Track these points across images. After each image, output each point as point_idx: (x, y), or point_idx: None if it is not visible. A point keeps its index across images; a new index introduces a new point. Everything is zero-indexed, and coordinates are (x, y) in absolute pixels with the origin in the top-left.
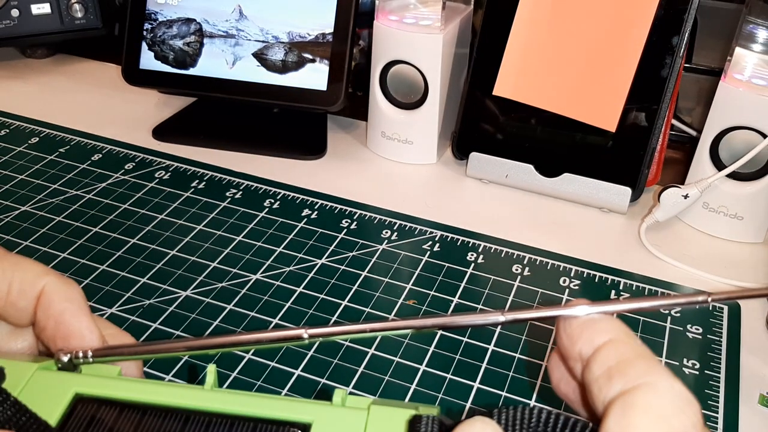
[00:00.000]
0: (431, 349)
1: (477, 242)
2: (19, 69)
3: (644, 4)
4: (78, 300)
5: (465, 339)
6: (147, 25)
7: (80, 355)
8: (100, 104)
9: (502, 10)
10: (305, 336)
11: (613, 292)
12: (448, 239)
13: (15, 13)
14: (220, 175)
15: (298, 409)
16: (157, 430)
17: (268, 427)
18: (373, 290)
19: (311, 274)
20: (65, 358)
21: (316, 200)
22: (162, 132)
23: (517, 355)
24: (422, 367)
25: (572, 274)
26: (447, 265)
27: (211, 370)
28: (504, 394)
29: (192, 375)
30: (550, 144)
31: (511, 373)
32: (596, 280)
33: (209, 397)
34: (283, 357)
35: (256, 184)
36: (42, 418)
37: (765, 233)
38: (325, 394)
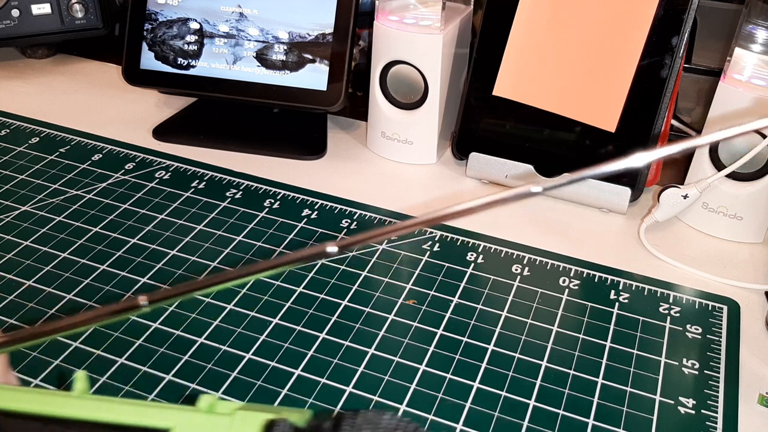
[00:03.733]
0: (431, 349)
1: (477, 242)
2: (19, 69)
3: (644, 4)
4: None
5: (465, 339)
6: (147, 26)
7: None
8: (100, 104)
9: (502, 10)
10: (144, 303)
11: (612, 292)
12: (448, 239)
13: (15, 13)
14: (220, 175)
15: (160, 416)
16: None
17: None
18: (373, 290)
19: (311, 274)
20: None
21: (316, 200)
22: (162, 132)
23: (517, 355)
24: (422, 367)
25: (572, 274)
26: (447, 265)
27: (80, 376)
28: (504, 394)
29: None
30: (550, 144)
31: (511, 373)
32: (596, 280)
33: (69, 403)
34: (283, 357)
35: (256, 184)
36: None
37: (764, 233)
38: (326, 394)
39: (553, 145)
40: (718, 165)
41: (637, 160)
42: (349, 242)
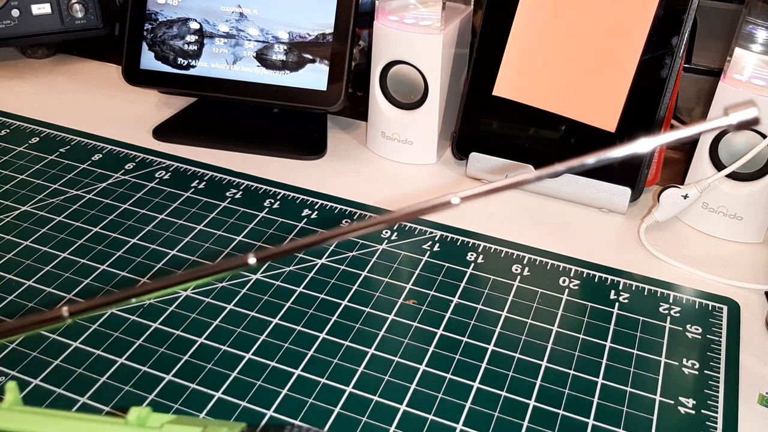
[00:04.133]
0: (431, 349)
1: (477, 242)
2: (19, 69)
3: (644, 4)
4: None
5: (465, 339)
6: (147, 26)
7: None
8: (100, 104)
9: (502, 11)
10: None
11: (612, 292)
12: (448, 239)
13: (15, 13)
14: (220, 175)
15: (87, 429)
16: None
17: None
18: (373, 290)
19: (311, 274)
20: None
21: (316, 200)
22: (162, 132)
23: (517, 355)
24: (422, 367)
25: (572, 274)
26: (447, 265)
27: (10, 387)
28: (504, 394)
29: None
30: (550, 144)
31: (511, 373)
32: (596, 280)
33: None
34: (283, 357)
35: (256, 184)
36: None
37: (764, 233)
38: (326, 394)
39: (553, 146)
40: (718, 165)
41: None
42: (267, 254)
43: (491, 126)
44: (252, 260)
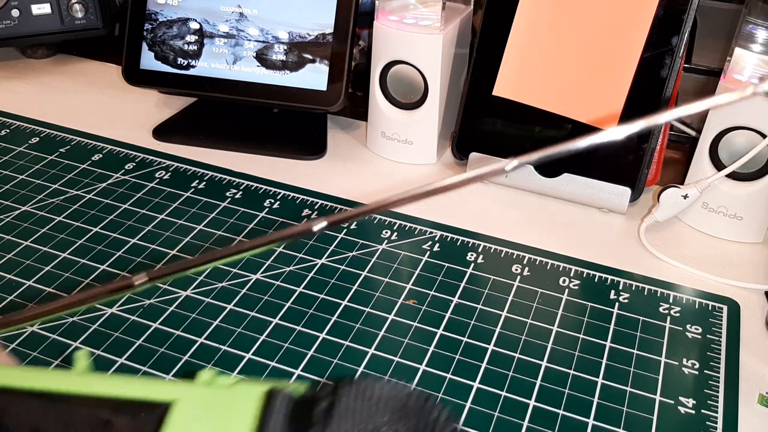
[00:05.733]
0: (431, 349)
1: (477, 242)
2: (19, 69)
3: (644, 4)
4: None
5: (465, 339)
6: (147, 26)
7: None
8: (100, 104)
9: (502, 10)
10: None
11: (612, 292)
12: (448, 239)
13: (15, 13)
14: (220, 175)
15: (163, 390)
16: (15, 413)
17: (131, 407)
18: (373, 290)
19: (311, 274)
20: None
21: (316, 200)
22: (162, 132)
23: (517, 355)
24: (422, 367)
25: (572, 274)
26: (447, 265)
27: (81, 355)
28: (504, 393)
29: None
30: (550, 144)
31: (511, 373)
32: (596, 280)
33: (74, 380)
34: (283, 357)
35: (256, 184)
36: None
37: (764, 233)
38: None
39: (553, 146)
40: (718, 165)
41: (614, 133)
42: (336, 219)
43: (491, 126)
44: (321, 224)
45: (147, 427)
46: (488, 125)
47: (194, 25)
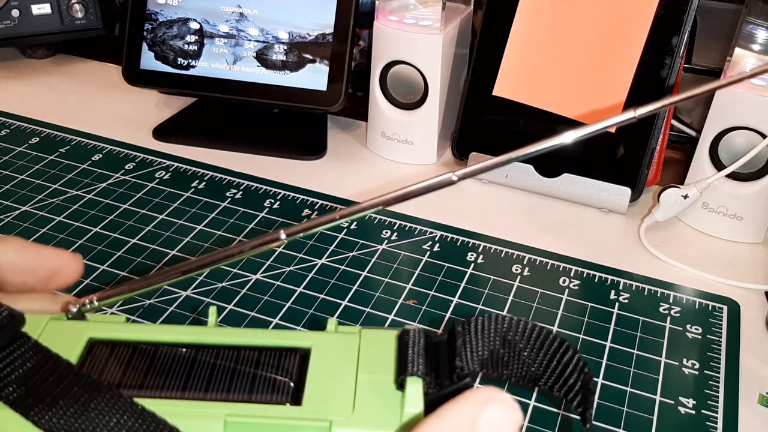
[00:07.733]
0: None
1: (477, 242)
2: (19, 69)
3: (644, 4)
4: (24, 241)
5: None
6: (147, 26)
7: (86, 302)
8: (100, 104)
9: (502, 11)
10: (282, 237)
11: (612, 292)
12: (448, 239)
13: (15, 13)
14: (220, 175)
15: (298, 337)
16: (169, 362)
17: (272, 353)
18: (373, 290)
19: (311, 274)
20: (74, 309)
21: (316, 200)
22: (162, 132)
23: None
24: None
25: (572, 274)
26: (447, 265)
27: (213, 311)
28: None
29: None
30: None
31: None
32: (596, 280)
33: (214, 332)
34: None
35: (256, 184)
36: (63, 358)
37: (764, 233)
38: None
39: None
40: (718, 165)
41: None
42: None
43: (491, 126)
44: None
45: (293, 367)
46: (488, 125)
47: (194, 25)
